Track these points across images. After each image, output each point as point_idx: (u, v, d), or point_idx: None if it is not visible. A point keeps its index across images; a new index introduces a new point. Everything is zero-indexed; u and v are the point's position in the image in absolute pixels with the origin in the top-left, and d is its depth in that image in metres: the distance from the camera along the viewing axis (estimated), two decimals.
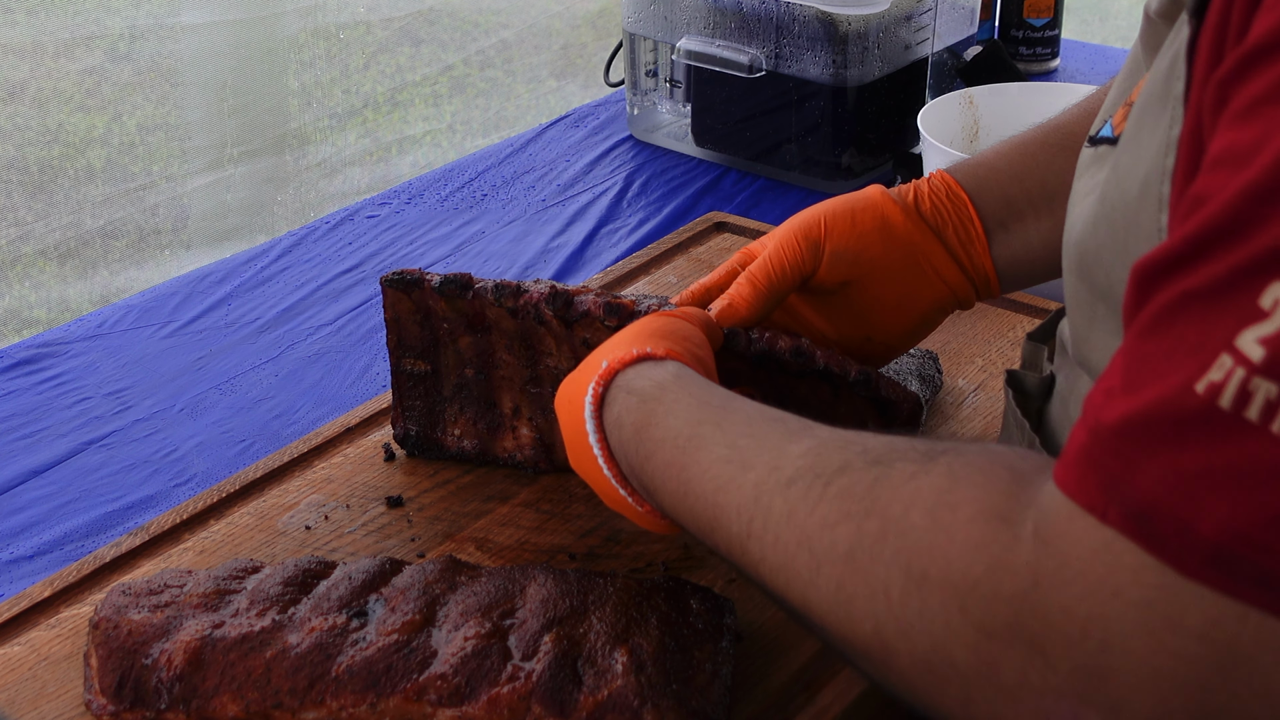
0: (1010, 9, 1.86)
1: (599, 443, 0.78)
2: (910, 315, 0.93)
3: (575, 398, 0.80)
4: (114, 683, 0.79)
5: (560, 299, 0.93)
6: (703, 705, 0.76)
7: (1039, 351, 0.83)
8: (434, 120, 2.56)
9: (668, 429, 0.73)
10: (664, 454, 0.73)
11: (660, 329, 0.82)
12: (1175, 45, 0.60)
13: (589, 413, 0.78)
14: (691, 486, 0.70)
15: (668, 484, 0.72)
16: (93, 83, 2.17)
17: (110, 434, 1.15)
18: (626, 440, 0.76)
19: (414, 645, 0.79)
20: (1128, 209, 0.62)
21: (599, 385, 0.78)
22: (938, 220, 0.92)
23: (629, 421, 0.76)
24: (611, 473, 0.78)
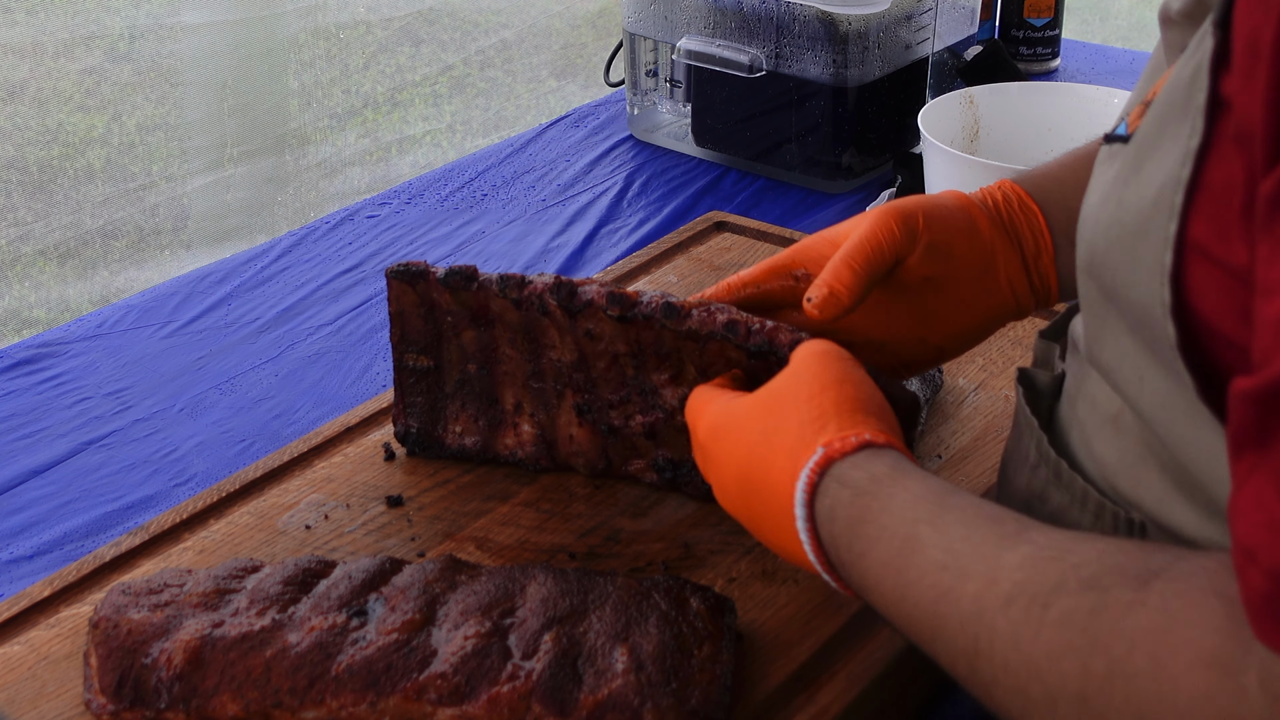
0: (1010, 9, 1.86)
1: (809, 530, 0.74)
2: (974, 320, 0.92)
3: (772, 475, 0.76)
4: (114, 682, 0.79)
5: (564, 289, 0.93)
6: (702, 705, 0.76)
7: (1051, 349, 0.83)
8: (434, 120, 2.56)
9: (883, 526, 0.70)
10: (878, 552, 0.70)
11: (861, 397, 0.77)
12: (1199, 55, 0.60)
13: (801, 500, 0.74)
14: (909, 591, 0.68)
15: (883, 584, 0.70)
16: (93, 83, 2.17)
17: (110, 434, 1.15)
18: (839, 534, 0.72)
19: (414, 644, 0.79)
20: (1140, 214, 0.61)
21: (814, 474, 0.73)
22: (1015, 230, 0.92)
23: (842, 515, 0.72)
24: (819, 560, 0.75)
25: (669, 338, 0.92)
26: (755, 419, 0.79)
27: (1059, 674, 0.59)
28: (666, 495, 0.98)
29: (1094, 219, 0.67)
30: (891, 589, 0.69)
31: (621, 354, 0.94)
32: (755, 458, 0.77)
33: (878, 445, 0.74)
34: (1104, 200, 0.66)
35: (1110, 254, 0.64)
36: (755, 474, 0.77)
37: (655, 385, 0.94)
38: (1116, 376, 0.67)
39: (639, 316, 0.91)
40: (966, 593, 0.64)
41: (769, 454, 0.76)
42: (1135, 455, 0.67)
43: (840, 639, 0.84)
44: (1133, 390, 0.65)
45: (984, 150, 1.46)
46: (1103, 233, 0.64)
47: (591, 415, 0.97)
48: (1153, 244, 0.60)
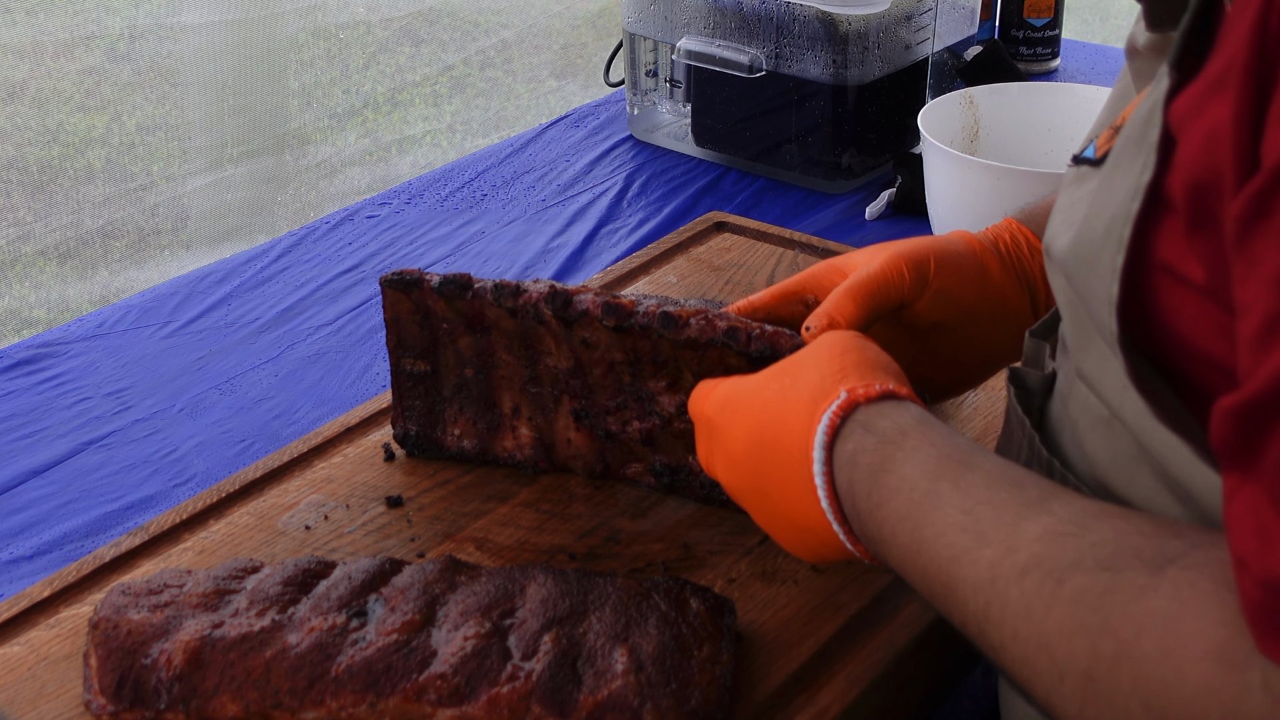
0: (1010, 9, 1.86)
1: (825, 475, 0.73)
2: (979, 363, 0.93)
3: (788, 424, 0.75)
4: (113, 682, 0.79)
5: (559, 299, 0.93)
6: (702, 705, 0.76)
7: (1041, 348, 0.83)
8: (434, 120, 2.56)
9: (904, 477, 0.69)
10: (897, 504, 0.69)
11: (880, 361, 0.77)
12: (1156, 93, 0.61)
13: (821, 442, 0.73)
14: (925, 547, 0.67)
15: (899, 537, 0.69)
16: (93, 83, 2.17)
17: (110, 434, 1.15)
18: (859, 480, 0.71)
19: (414, 645, 0.79)
20: (1093, 245, 0.63)
21: (836, 416, 0.73)
22: (1026, 275, 0.92)
23: (864, 461, 0.71)
24: (831, 507, 0.74)
25: (666, 346, 0.91)
26: (771, 381, 0.78)
27: (1068, 651, 0.60)
28: (666, 496, 0.98)
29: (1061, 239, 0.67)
30: (907, 543, 0.68)
31: (618, 362, 0.94)
32: (769, 415, 0.76)
33: (901, 397, 0.74)
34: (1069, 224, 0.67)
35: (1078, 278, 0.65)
36: (768, 431, 0.76)
37: (652, 392, 0.94)
38: (1100, 387, 0.67)
39: (635, 326, 0.91)
40: (983, 557, 0.64)
41: (785, 409, 0.76)
42: (1127, 455, 0.67)
43: (840, 639, 0.84)
44: (1115, 401, 0.66)
45: (984, 150, 1.46)
46: (1073, 255, 0.66)
47: (589, 421, 0.97)
48: (1101, 275, 0.61)
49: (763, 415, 0.77)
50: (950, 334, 0.92)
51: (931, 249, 0.90)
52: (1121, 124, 0.67)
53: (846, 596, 0.87)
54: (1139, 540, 0.61)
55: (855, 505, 0.72)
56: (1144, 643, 0.57)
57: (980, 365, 0.94)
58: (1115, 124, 0.68)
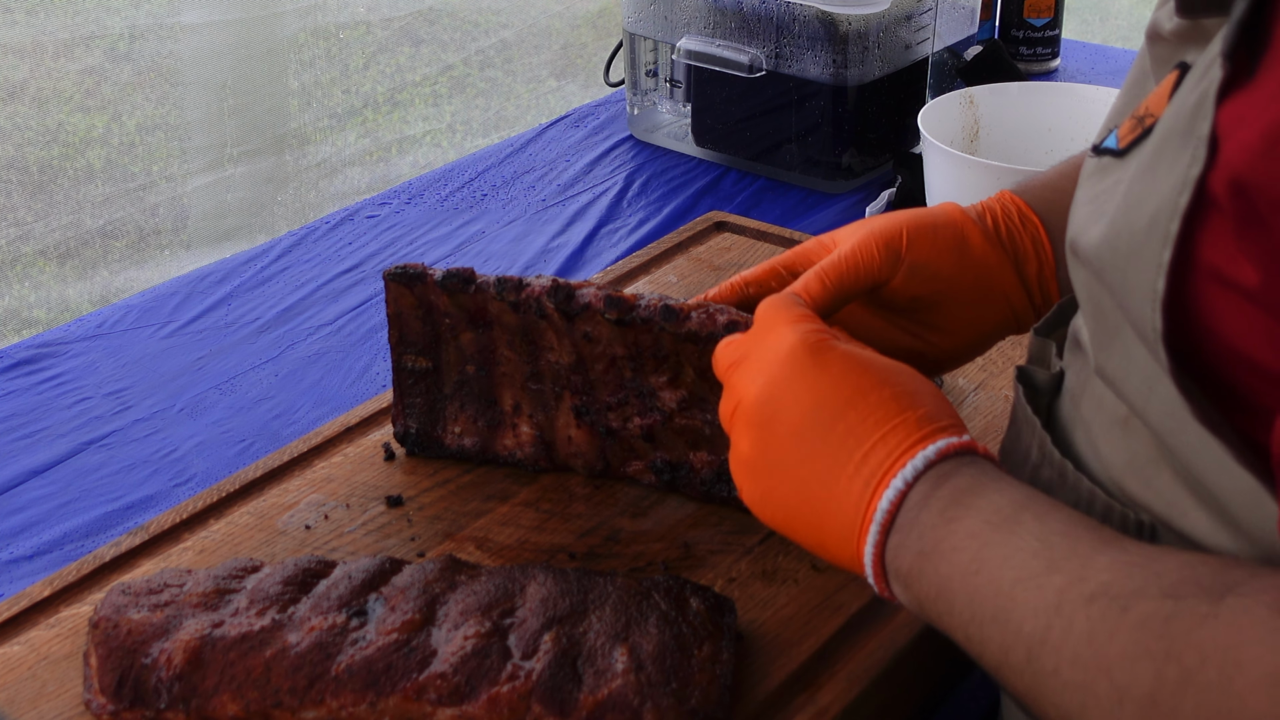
0: (1010, 9, 1.86)
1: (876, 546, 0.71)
2: (969, 336, 0.92)
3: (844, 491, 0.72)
4: (114, 682, 0.79)
5: (562, 292, 0.93)
6: (702, 705, 0.76)
7: (1047, 346, 0.82)
8: (434, 120, 2.56)
9: (988, 500, 0.68)
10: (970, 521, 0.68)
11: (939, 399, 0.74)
12: (1204, 84, 0.60)
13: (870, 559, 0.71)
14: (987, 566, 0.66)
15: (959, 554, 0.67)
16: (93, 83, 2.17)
17: (110, 434, 1.15)
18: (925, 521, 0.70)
19: (414, 644, 0.79)
20: (1134, 239, 0.61)
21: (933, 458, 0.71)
22: (1013, 244, 0.91)
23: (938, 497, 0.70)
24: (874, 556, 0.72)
25: (667, 340, 0.91)
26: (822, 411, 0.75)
27: (1131, 674, 0.59)
28: (666, 495, 0.98)
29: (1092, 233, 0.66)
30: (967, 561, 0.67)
31: (619, 356, 0.94)
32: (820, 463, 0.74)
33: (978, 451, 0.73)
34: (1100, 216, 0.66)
35: (1113, 273, 0.64)
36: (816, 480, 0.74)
37: (653, 388, 0.94)
38: (1123, 385, 0.67)
39: (637, 320, 0.91)
40: (1051, 583, 0.64)
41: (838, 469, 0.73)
42: (1145, 457, 0.67)
43: (840, 639, 0.84)
44: (1140, 400, 0.65)
45: (984, 150, 1.46)
46: (1107, 249, 0.64)
47: (590, 417, 0.97)
48: (1145, 268, 0.60)
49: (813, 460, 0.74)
50: (932, 308, 0.91)
51: (905, 223, 0.89)
52: (1144, 114, 0.65)
53: (846, 596, 0.87)
54: (1201, 569, 0.61)
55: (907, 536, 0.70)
56: (1207, 670, 0.57)
57: (969, 338, 0.93)
58: (1137, 113, 0.67)
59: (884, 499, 0.71)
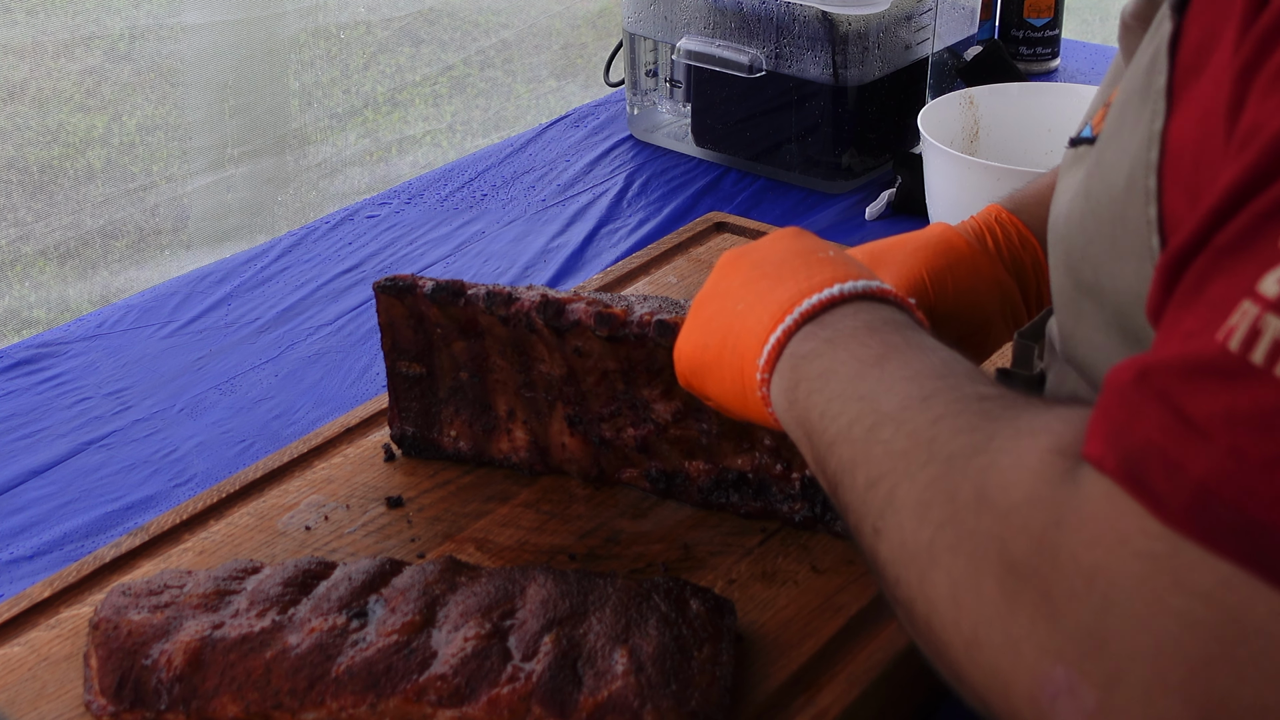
0: (1010, 9, 1.86)
1: (765, 377, 0.72)
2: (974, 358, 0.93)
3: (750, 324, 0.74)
4: (114, 683, 0.79)
5: (551, 308, 0.92)
6: (702, 706, 0.76)
7: (1029, 349, 0.83)
8: (434, 120, 2.56)
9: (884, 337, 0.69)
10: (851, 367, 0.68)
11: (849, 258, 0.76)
12: (1155, 41, 0.61)
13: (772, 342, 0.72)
14: (878, 368, 0.66)
15: (848, 364, 0.68)
16: (93, 83, 2.17)
17: (110, 434, 1.15)
18: (810, 351, 0.71)
19: (414, 646, 0.79)
20: (1114, 203, 0.61)
21: (799, 314, 0.72)
22: (1017, 267, 0.92)
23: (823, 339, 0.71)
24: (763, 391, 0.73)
25: (661, 354, 0.91)
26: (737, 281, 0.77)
27: (949, 443, 0.58)
28: (667, 498, 0.98)
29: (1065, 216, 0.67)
30: (854, 367, 0.67)
31: (611, 370, 0.94)
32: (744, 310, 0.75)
33: (848, 297, 0.73)
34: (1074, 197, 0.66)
35: (1089, 248, 0.64)
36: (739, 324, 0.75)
37: (646, 400, 0.94)
38: (1091, 371, 0.67)
39: (629, 336, 0.91)
40: (931, 386, 0.63)
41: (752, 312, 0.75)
42: None
43: (840, 640, 0.84)
44: None
45: (984, 150, 1.46)
46: (1078, 228, 0.65)
47: (583, 427, 0.97)
48: (1133, 230, 0.60)
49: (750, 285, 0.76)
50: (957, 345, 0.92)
51: (924, 272, 0.90)
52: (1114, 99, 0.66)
53: (846, 597, 0.87)
54: (993, 403, 0.60)
55: (796, 372, 0.71)
56: (1013, 437, 0.55)
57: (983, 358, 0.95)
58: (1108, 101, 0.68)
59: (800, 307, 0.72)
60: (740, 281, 0.77)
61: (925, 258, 0.91)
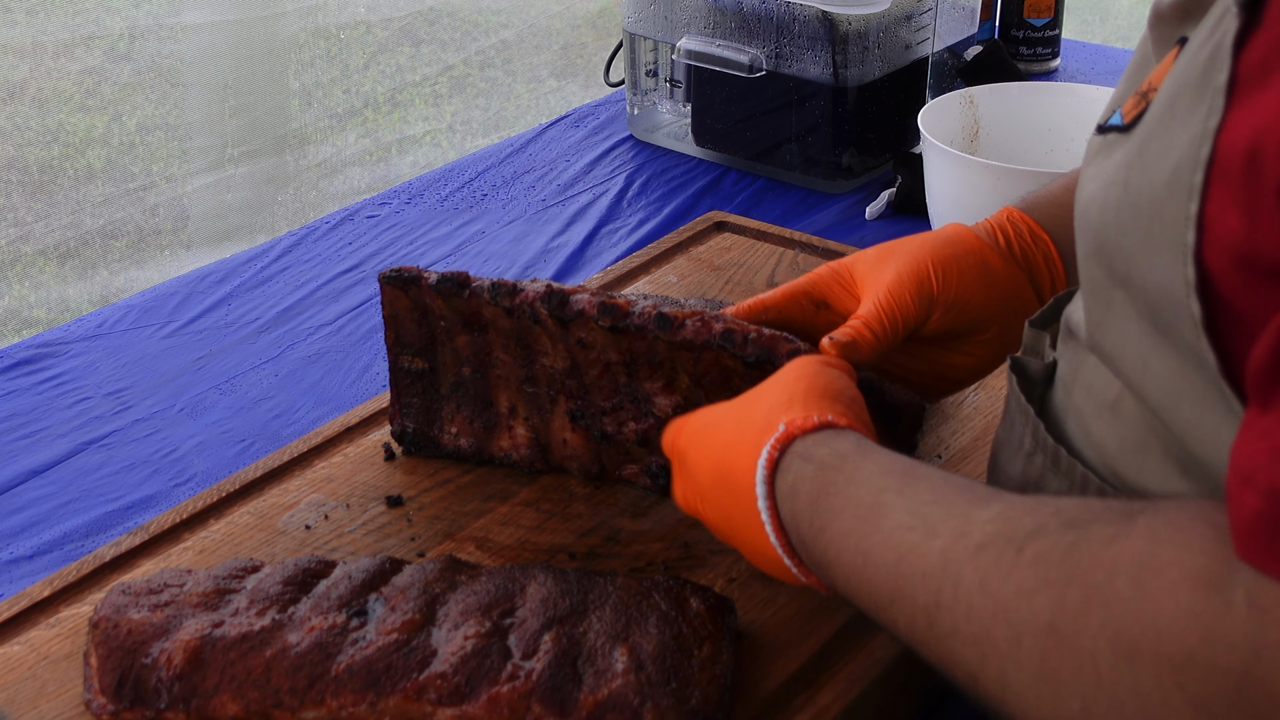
0: (1010, 9, 1.86)
1: (769, 509, 0.74)
2: (988, 357, 0.93)
3: (739, 458, 0.76)
4: (114, 682, 0.79)
5: (555, 298, 0.93)
6: (702, 705, 0.76)
7: (1040, 338, 0.83)
8: (434, 120, 2.56)
9: (848, 497, 0.70)
10: (842, 523, 0.69)
11: (831, 389, 0.78)
12: (1216, 36, 0.59)
13: (761, 477, 0.74)
14: (871, 556, 0.67)
15: (844, 555, 0.69)
16: (93, 83, 2.17)
17: (110, 434, 1.15)
18: (800, 510, 0.72)
19: (414, 644, 0.79)
20: (1154, 196, 0.61)
21: (774, 450, 0.74)
22: (1028, 263, 0.92)
23: (805, 490, 0.72)
24: (779, 541, 0.75)
25: (662, 347, 0.91)
26: (733, 413, 0.79)
27: (1029, 610, 0.58)
28: (666, 496, 0.98)
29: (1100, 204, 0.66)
30: (853, 557, 0.68)
31: (614, 362, 0.94)
32: (728, 446, 0.78)
33: (839, 427, 0.74)
34: (1108, 185, 0.66)
35: (1123, 238, 0.63)
36: (726, 463, 0.77)
37: (648, 393, 0.94)
38: (1119, 362, 0.67)
39: (631, 327, 0.91)
40: (933, 549, 0.63)
41: (740, 440, 0.77)
42: (1136, 440, 0.67)
43: (840, 639, 0.84)
44: (1135, 376, 0.65)
45: (984, 150, 1.46)
46: (1113, 217, 0.64)
47: (584, 421, 0.97)
48: (1171, 224, 0.59)
49: (722, 448, 0.78)
50: (958, 338, 0.93)
51: (931, 259, 0.90)
52: (1148, 90, 0.65)
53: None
54: (1105, 501, 0.60)
55: (800, 534, 0.73)
56: (1116, 583, 0.55)
57: (989, 358, 0.94)
58: (1140, 89, 0.68)
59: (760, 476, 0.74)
60: None
61: (932, 248, 0.91)
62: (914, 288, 0.90)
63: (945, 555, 0.63)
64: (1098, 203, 0.66)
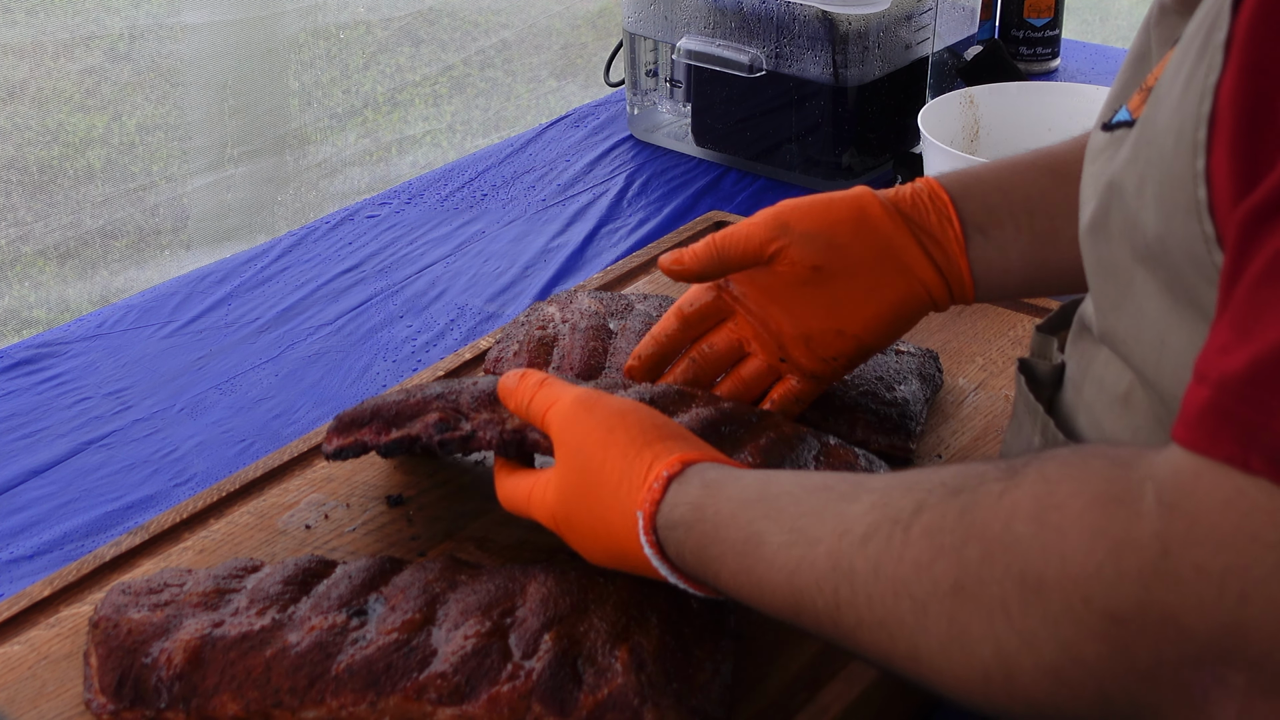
0: (1010, 9, 1.86)
1: (677, 577, 0.76)
2: (880, 308, 0.93)
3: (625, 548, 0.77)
4: (114, 681, 0.79)
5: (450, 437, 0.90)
6: (703, 704, 0.76)
7: (1048, 343, 0.83)
8: (434, 120, 2.56)
9: (723, 541, 0.71)
10: (729, 563, 0.71)
11: (639, 429, 0.78)
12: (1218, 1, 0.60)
13: (658, 563, 0.75)
14: (765, 584, 0.68)
15: (743, 589, 0.70)
16: (93, 83, 2.17)
17: (110, 434, 1.15)
18: (693, 565, 0.74)
19: (414, 644, 0.79)
20: (1164, 161, 0.61)
21: (649, 535, 0.75)
22: (916, 216, 0.93)
23: (689, 548, 0.73)
24: (701, 593, 0.77)
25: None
26: (584, 505, 0.79)
27: (930, 579, 0.59)
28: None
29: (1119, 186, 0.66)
30: (750, 590, 0.70)
31: None
32: (609, 541, 0.78)
33: (676, 474, 0.75)
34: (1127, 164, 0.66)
35: (1143, 211, 0.63)
36: (616, 553, 0.78)
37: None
38: (1134, 345, 0.67)
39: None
40: (819, 555, 0.64)
41: (613, 535, 0.77)
42: (1148, 431, 0.67)
43: None
44: (1151, 358, 0.65)
45: (984, 150, 1.46)
46: (1136, 194, 0.64)
47: None
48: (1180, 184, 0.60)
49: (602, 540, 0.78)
50: (836, 276, 0.93)
51: (802, 200, 0.94)
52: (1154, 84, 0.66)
53: None
54: (985, 465, 0.61)
55: (707, 581, 0.74)
56: (1015, 527, 0.56)
57: (880, 310, 0.94)
58: (1146, 85, 0.68)
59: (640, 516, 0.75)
60: None
61: (815, 196, 0.94)
62: (771, 216, 0.93)
63: (833, 556, 0.64)
64: (1117, 186, 0.66)
